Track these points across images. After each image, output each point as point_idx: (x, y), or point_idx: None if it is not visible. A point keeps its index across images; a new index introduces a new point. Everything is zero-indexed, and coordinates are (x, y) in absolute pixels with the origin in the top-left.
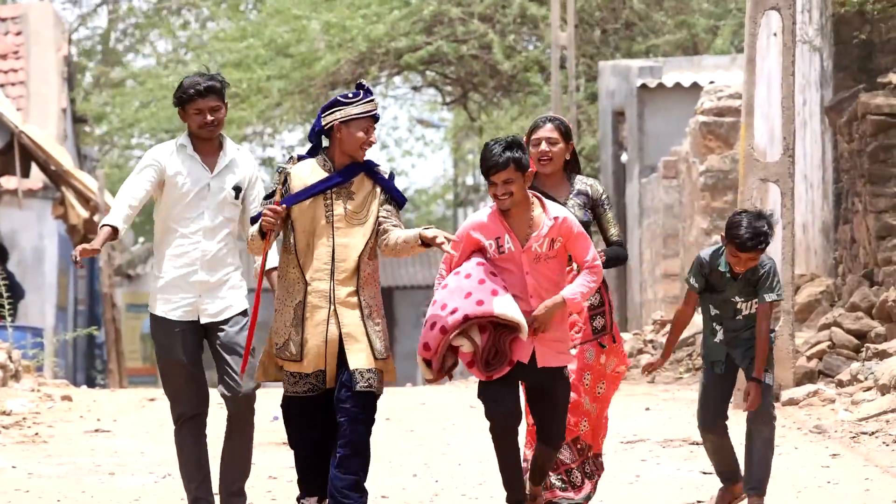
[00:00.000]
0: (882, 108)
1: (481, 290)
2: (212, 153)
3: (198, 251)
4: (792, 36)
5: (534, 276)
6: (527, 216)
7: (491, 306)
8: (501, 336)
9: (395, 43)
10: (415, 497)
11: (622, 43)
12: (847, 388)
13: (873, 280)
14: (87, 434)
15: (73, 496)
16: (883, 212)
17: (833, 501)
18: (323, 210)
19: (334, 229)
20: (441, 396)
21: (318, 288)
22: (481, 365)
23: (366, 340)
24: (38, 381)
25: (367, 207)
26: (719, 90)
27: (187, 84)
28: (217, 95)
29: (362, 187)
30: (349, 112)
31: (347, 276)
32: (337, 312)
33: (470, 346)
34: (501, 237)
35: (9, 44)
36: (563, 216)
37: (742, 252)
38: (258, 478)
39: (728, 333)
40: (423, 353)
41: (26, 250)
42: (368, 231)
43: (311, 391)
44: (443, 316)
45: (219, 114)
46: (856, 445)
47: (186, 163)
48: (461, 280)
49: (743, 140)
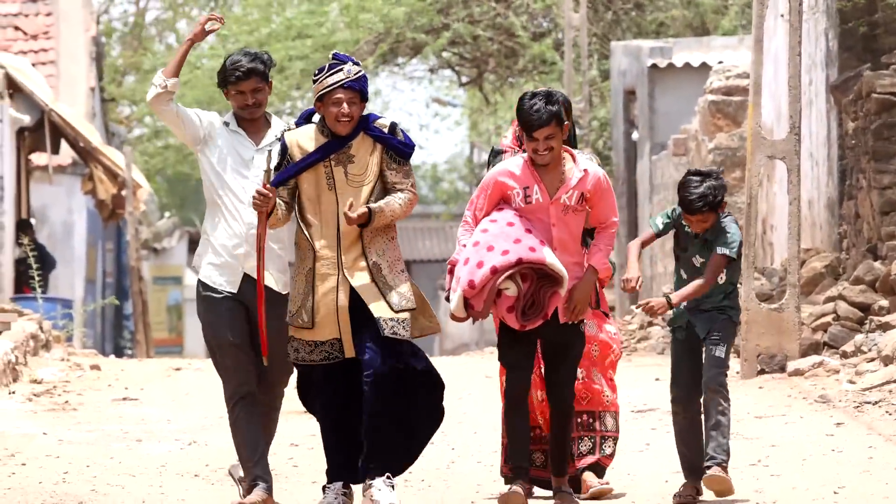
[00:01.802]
0: (886, 87)
1: (530, 239)
2: (257, 130)
3: (242, 225)
4: (798, 17)
5: (560, 228)
6: (559, 168)
7: (543, 254)
8: (542, 287)
9: (412, 26)
10: (432, 464)
11: (633, 21)
12: (851, 360)
13: (877, 254)
14: (114, 402)
15: (101, 462)
16: (886, 188)
17: (837, 469)
18: (324, 177)
19: (337, 195)
20: (457, 367)
21: (325, 255)
22: (519, 313)
23: (379, 295)
24: (68, 350)
25: (369, 167)
26: (727, 70)
27: (230, 65)
28: (259, 77)
29: (362, 147)
30: (319, 87)
31: (353, 239)
32: (347, 278)
33: (515, 289)
34: (530, 187)
35: (39, 24)
36: (593, 170)
37: (689, 214)
38: (280, 445)
39: (692, 300)
40: (468, 292)
41: (56, 224)
42: (371, 190)
43: (326, 359)
44: (492, 256)
45: (260, 95)
46: (859, 415)
47: (230, 136)
48: (503, 227)
49: (750, 118)
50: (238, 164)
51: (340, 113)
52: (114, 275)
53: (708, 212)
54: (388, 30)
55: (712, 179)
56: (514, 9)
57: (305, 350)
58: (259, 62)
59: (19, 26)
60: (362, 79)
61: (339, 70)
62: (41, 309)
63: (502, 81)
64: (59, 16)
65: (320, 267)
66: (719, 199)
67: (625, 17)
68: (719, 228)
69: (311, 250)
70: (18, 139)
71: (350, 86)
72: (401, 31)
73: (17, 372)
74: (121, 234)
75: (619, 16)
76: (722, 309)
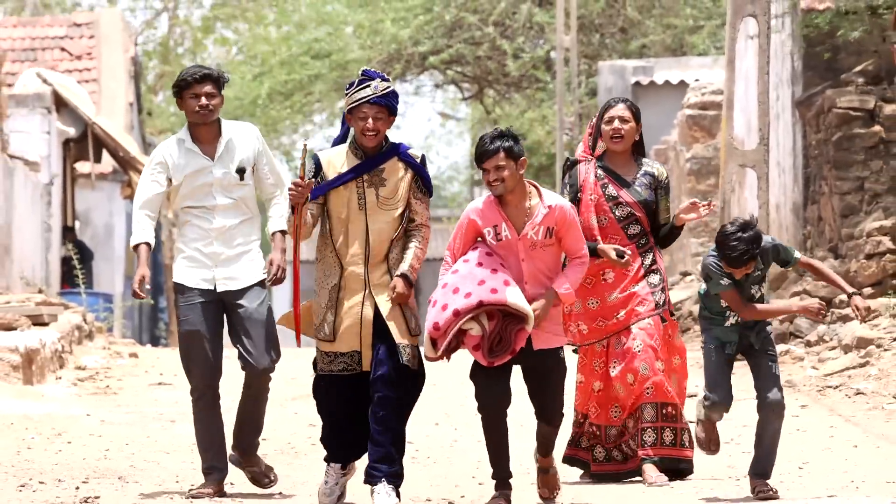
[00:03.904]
0: (845, 103)
1: (494, 280)
2: (210, 140)
3: (212, 225)
4: (767, 40)
5: (529, 263)
6: (523, 204)
7: (504, 295)
8: (508, 325)
9: (419, 46)
10: (437, 442)
11: (618, 45)
12: (814, 348)
13: (837, 253)
14: (151, 386)
15: (138, 440)
16: (846, 193)
17: (802, 446)
18: (356, 197)
19: (367, 215)
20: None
21: (353, 272)
22: (486, 351)
23: (402, 319)
24: (109, 340)
25: (399, 192)
26: (703, 87)
27: (185, 72)
28: (213, 84)
29: (394, 172)
30: (348, 101)
31: (381, 259)
32: (372, 294)
33: (479, 329)
34: (499, 225)
35: (83, 46)
36: (558, 204)
37: (734, 268)
38: (300, 426)
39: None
40: (433, 333)
41: (98, 226)
42: (400, 214)
43: (345, 370)
44: (456, 299)
45: (214, 100)
46: (822, 398)
47: (187, 156)
48: (472, 267)
49: (724, 131)
50: (199, 177)
51: (366, 127)
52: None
53: (753, 261)
54: (398, 50)
55: (750, 230)
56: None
57: (324, 361)
58: (214, 71)
59: (65, 48)
60: (389, 94)
61: (366, 86)
62: (85, 303)
63: (500, 97)
64: (101, 38)
65: (346, 283)
66: (758, 251)
67: (611, 38)
68: (766, 250)
69: (339, 267)
70: (64, 149)
71: (376, 101)
72: (408, 52)
73: (64, 360)
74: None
75: (605, 38)
76: (768, 322)
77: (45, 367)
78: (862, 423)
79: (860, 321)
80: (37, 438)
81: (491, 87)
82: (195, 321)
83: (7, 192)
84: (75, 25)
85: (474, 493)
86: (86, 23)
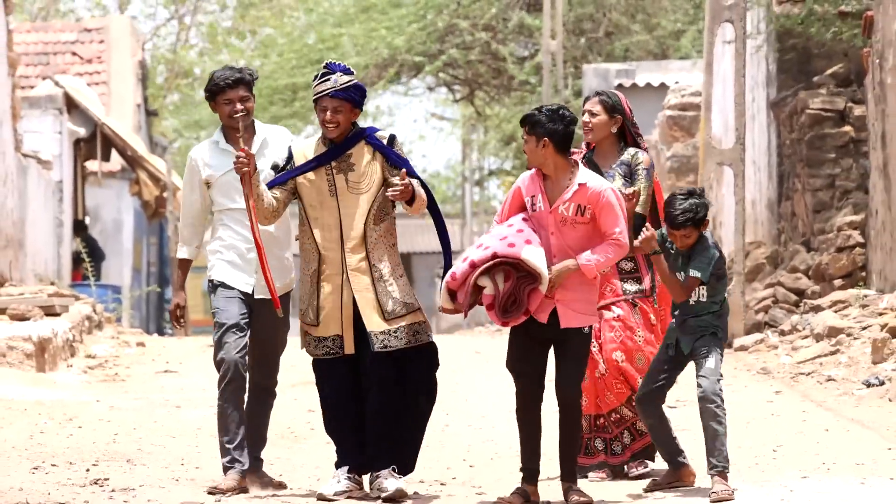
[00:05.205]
0: (817, 104)
1: (516, 237)
2: (245, 141)
3: (249, 232)
4: (743, 44)
5: (558, 237)
6: (563, 181)
7: (519, 251)
8: (522, 285)
9: (412, 52)
10: (429, 427)
11: (602, 49)
12: (788, 337)
13: (810, 247)
14: (157, 374)
15: (146, 425)
16: (818, 190)
17: (776, 430)
18: (326, 184)
19: (339, 201)
20: (450, 343)
21: (330, 257)
22: (499, 310)
23: (375, 304)
24: (118, 330)
25: (369, 175)
26: (683, 89)
27: (218, 76)
28: (246, 86)
29: (361, 156)
30: (313, 94)
31: (357, 243)
32: (349, 279)
33: (492, 288)
34: (536, 196)
35: (93, 50)
36: (590, 183)
37: (673, 229)
38: (299, 411)
39: (680, 317)
40: (450, 283)
41: (107, 222)
42: (372, 198)
43: (328, 354)
44: (475, 252)
45: (248, 103)
46: (795, 384)
47: (221, 157)
48: (504, 227)
49: (702, 131)
50: (235, 180)
51: (325, 119)
52: (157, 265)
53: (691, 227)
54: (393, 56)
55: (695, 197)
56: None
57: (312, 345)
58: (246, 74)
59: (76, 52)
60: (351, 88)
61: (327, 79)
62: (95, 294)
63: (490, 98)
64: (111, 43)
65: (325, 269)
66: (701, 215)
67: (595, 43)
68: (699, 249)
69: (317, 253)
70: (75, 149)
71: (335, 95)
72: (402, 57)
73: (75, 348)
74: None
75: (590, 42)
76: (706, 327)
77: (56, 356)
78: (833, 408)
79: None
80: (49, 423)
81: (481, 90)
82: (234, 314)
83: (21, 190)
84: (86, 31)
85: (465, 475)
86: (96, 28)
